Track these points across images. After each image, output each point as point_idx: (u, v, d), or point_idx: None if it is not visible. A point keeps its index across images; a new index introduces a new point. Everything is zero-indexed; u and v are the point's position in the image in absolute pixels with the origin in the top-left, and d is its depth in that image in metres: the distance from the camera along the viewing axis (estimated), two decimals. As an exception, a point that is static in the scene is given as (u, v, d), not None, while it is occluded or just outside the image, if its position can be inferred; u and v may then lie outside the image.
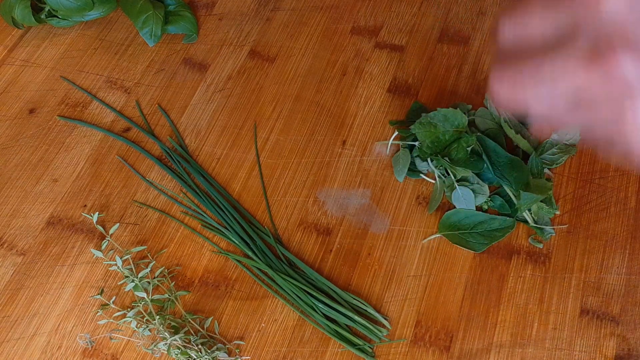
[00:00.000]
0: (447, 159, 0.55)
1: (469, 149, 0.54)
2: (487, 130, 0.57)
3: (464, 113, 0.56)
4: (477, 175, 0.55)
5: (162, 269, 0.54)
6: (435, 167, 0.56)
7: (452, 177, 0.55)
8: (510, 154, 0.55)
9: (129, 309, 0.52)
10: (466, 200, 0.54)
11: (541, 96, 0.35)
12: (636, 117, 0.32)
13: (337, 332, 0.50)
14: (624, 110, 0.33)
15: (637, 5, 0.32)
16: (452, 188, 0.55)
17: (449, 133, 0.55)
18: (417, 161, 0.57)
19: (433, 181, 0.57)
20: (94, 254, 0.55)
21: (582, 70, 0.32)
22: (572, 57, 0.32)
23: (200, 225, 0.57)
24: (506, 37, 0.36)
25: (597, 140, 0.36)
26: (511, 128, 0.56)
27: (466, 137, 0.55)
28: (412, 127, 0.56)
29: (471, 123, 0.57)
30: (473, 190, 0.54)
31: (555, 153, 0.56)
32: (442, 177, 0.56)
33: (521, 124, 0.57)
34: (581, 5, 0.33)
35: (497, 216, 0.54)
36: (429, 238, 0.55)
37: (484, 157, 0.55)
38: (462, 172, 0.54)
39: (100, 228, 0.56)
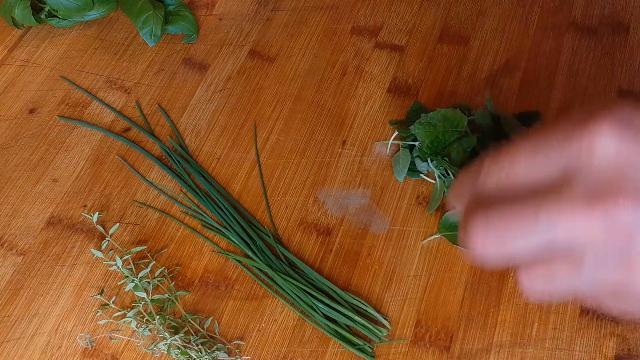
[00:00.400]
0: (446, 159, 0.55)
1: (469, 149, 0.54)
2: (487, 130, 0.57)
3: (464, 113, 0.56)
4: None
5: (162, 269, 0.54)
6: (435, 167, 0.56)
7: (452, 177, 0.55)
8: None
9: (129, 309, 0.52)
10: None
11: (535, 245, 0.33)
12: None
13: (337, 332, 0.51)
14: (629, 259, 0.31)
15: (632, 153, 0.31)
16: None
17: (448, 133, 0.55)
18: (417, 161, 0.57)
19: (433, 181, 0.57)
20: (94, 254, 0.55)
21: (582, 214, 0.31)
22: (569, 201, 0.31)
23: (200, 225, 0.57)
24: (489, 183, 0.35)
25: (600, 294, 0.34)
26: (511, 129, 0.56)
27: (466, 138, 0.55)
28: (411, 127, 0.56)
29: (471, 123, 0.57)
30: None
31: None
32: (442, 177, 0.56)
33: (522, 125, 0.57)
34: (573, 151, 0.32)
35: (497, 216, 0.54)
36: (429, 239, 0.55)
37: None
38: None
39: (100, 228, 0.56)
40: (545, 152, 0.33)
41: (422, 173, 0.57)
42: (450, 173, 0.55)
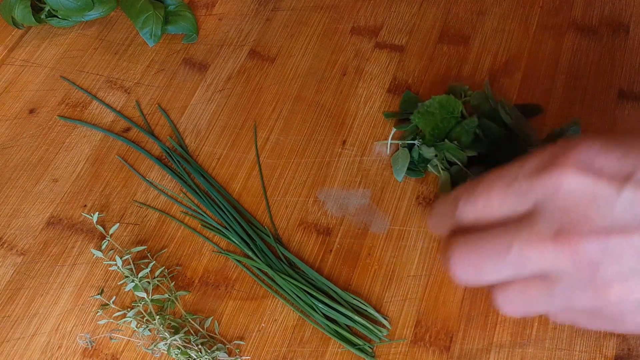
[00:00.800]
0: (456, 142, 0.54)
1: (471, 130, 0.54)
2: (484, 113, 0.57)
3: (462, 94, 0.56)
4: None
5: (162, 269, 0.54)
6: (439, 159, 0.55)
7: (460, 165, 0.54)
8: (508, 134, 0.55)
9: (129, 309, 0.52)
10: None
11: (508, 274, 0.36)
12: (614, 294, 0.33)
13: (337, 332, 0.50)
14: (597, 286, 0.33)
15: (593, 191, 0.33)
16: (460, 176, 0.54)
17: (446, 120, 0.55)
18: (424, 148, 0.56)
19: (438, 174, 0.56)
20: (94, 254, 0.55)
21: (550, 248, 0.33)
22: (538, 236, 0.34)
23: (200, 225, 0.57)
24: (466, 216, 0.38)
25: (573, 315, 0.37)
26: (510, 116, 0.55)
27: (467, 120, 0.55)
28: (412, 117, 0.56)
29: (468, 105, 0.57)
30: None
31: None
32: (447, 169, 0.55)
33: (523, 115, 0.57)
34: (541, 189, 0.34)
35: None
36: None
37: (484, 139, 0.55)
38: (470, 153, 0.54)
39: (100, 228, 0.56)
40: (516, 189, 0.35)
41: (431, 165, 0.56)
42: (458, 160, 0.54)
